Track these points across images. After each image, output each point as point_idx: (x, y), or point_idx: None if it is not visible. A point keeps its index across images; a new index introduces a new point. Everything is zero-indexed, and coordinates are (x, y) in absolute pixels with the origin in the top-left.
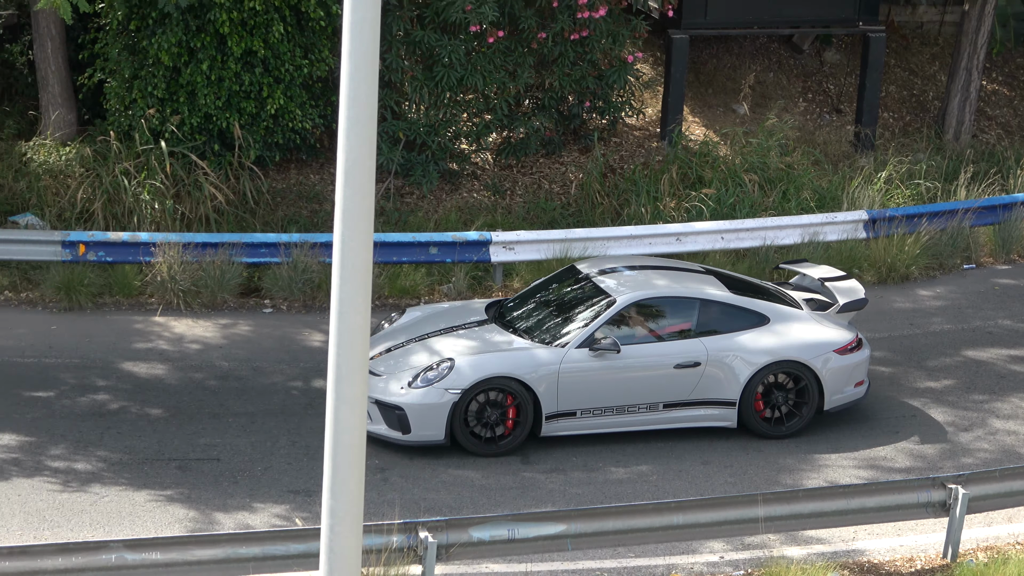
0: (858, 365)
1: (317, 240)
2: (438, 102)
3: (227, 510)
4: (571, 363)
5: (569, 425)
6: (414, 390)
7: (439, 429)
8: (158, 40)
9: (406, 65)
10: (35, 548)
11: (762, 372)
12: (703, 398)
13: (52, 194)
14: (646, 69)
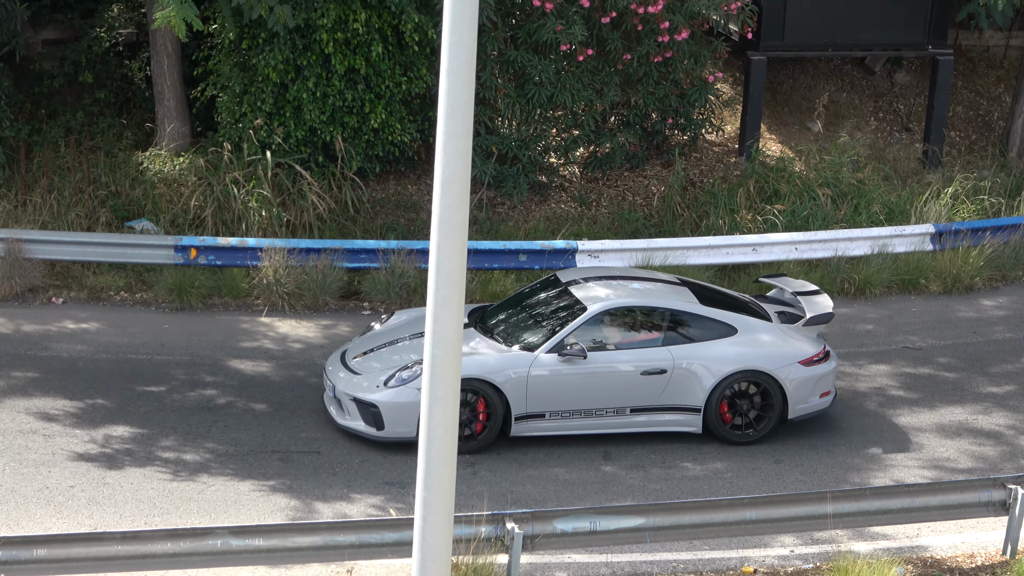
0: (823, 376)
1: (414, 247)
2: (529, 118)
3: (326, 500)
4: (540, 367)
5: (538, 426)
6: (389, 389)
7: (411, 426)
8: (267, 58)
9: (500, 83)
10: (146, 533)
11: (726, 380)
12: (669, 404)
13: (166, 201)
14: (726, 88)
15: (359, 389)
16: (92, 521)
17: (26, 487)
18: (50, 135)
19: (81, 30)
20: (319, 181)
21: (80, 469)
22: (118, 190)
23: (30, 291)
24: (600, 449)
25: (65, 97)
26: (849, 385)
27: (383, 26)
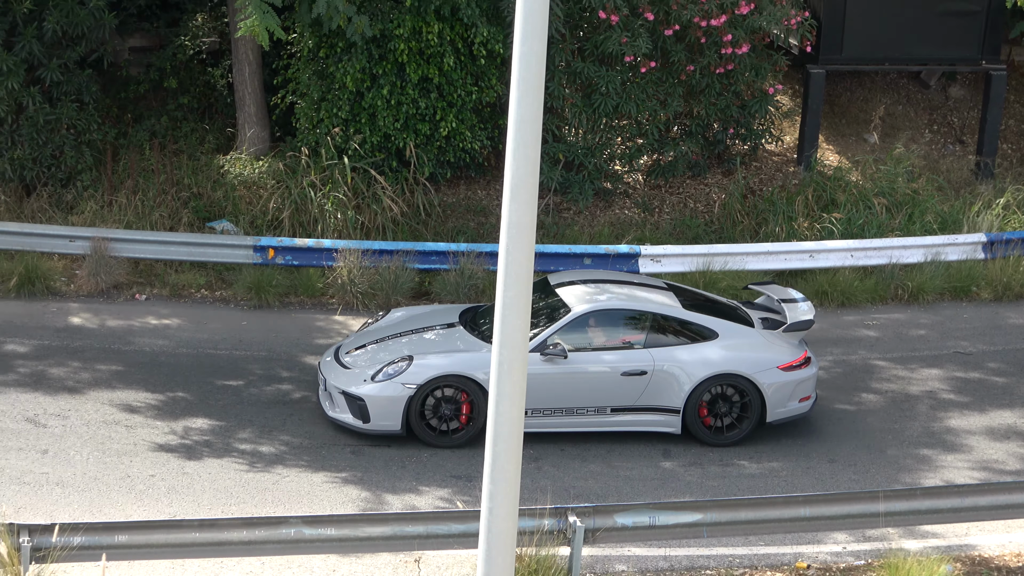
0: (803, 381)
1: (483, 249)
2: (595, 127)
3: (395, 492)
4: None
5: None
6: (375, 383)
7: (396, 420)
8: (344, 66)
9: (567, 93)
10: (222, 521)
11: (705, 383)
12: (649, 404)
13: (246, 203)
14: (785, 100)
15: (348, 383)
16: (171, 509)
17: (109, 475)
18: (136, 138)
19: (166, 38)
20: (392, 185)
21: (160, 459)
22: (200, 192)
23: (115, 288)
24: (660, 447)
25: (150, 102)
26: (901, 388)
27: (455, 38)
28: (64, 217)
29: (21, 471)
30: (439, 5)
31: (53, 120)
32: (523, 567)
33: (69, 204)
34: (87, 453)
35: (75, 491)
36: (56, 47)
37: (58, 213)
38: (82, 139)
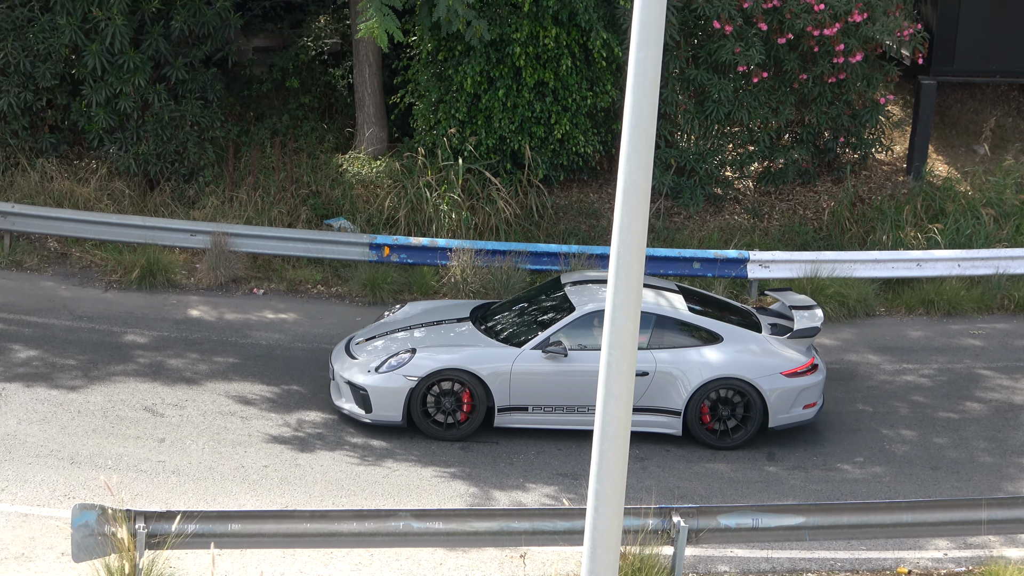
0: (808, 388)
1: (593, 252)
2: (707, 133)
3: (502, 488)
4: (524, 363)
5: (521, 419)
6: (379, 374)
7: (397, 411)
8: (462, 69)
9: (680, 99)
10: (333, 513)
11: (707, 386)
12: (650, 405)
13: (363, 202)
14: (896, 110)
15: (353, 373)
16: (283, 499)
17: (223, 465)
18: (257, 136)
19: (289, 39)
20: (506, 187)
21: (274, 450)
22: (318, 189)
23: (233, 282)
24: (764, 450)
25: (272, 101)
26: (1006, 398)
27: (571, 43)
28: (186, 212)
29: (139, 459)
30: (557, 10)
31: (177, 117)
32: (627, 565)
33: (191, 199)
34: (203, 443)
35: (190, 480)
36: (182, 46)
37: (180, 208)
38: (205, 136)
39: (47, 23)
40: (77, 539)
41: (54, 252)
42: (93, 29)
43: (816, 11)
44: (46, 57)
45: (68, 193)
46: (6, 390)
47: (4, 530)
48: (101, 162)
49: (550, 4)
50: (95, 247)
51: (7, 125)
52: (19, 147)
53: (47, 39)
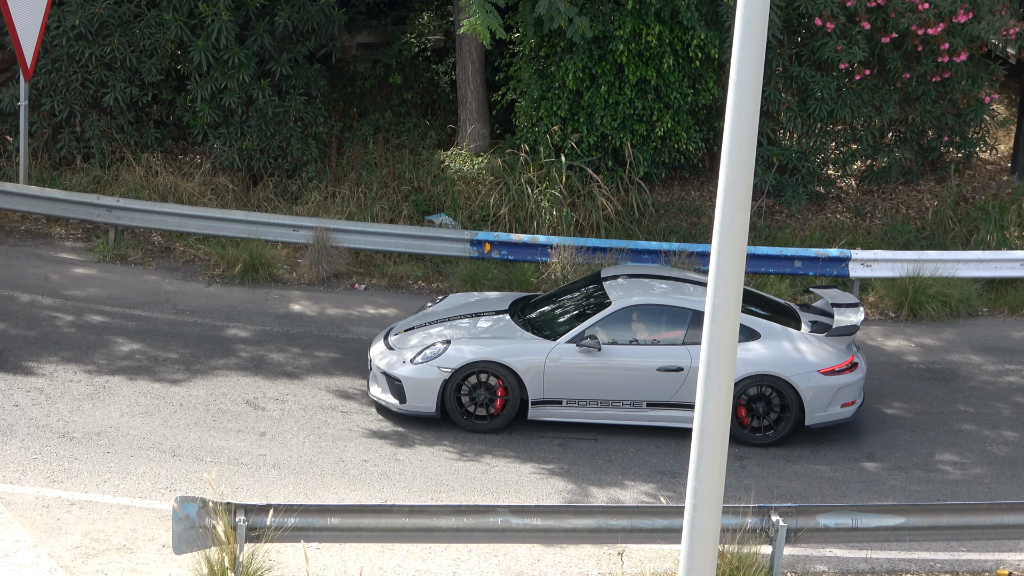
0: (846, 387)
1: (694, 249)
2: (809, 131)
3: (600, 485)
4: (558, 356)
5: (555, 412)
6: (414, 365)
7: (431, 402)
8: (564, 66)
9: (783, 97)
10: (432, 508)
11: (742, 383)
12: (685, 401)
13: (464, 198)
14: (1001, 109)
15: (390, 364)
16: (383, 494)
17: (324, 459)
18: (360, 132)
19: (393, 35)
20: (608, 184)
21: (374, 445)
22: (420, 186)
23: (335, 277)
24: (864, 450)
25: (375, 97)
26: None
27: (674, 40)
28: (288, 207)
29: (240, 452)
30: (659, 8)
31: (281, 113)
32: (725, 564)
33: (294, 194)
34: (303, 437)
35: (290, 473)
36: (286, 42)
37: (283, 203)
38: (308, 132)
39: (153, 19)
40: (178, 531)
41: (158, 246)
42: (199, 25)
43: (920, 10)
44: (152, 52)
45: (172, 188)
46: (109, 383)
47: (106, 521)
48: (205, 157)
49: (653, 1)
50: (198, 241)
51: (113, 120)
52: (125, 142)
53: (153, 35)
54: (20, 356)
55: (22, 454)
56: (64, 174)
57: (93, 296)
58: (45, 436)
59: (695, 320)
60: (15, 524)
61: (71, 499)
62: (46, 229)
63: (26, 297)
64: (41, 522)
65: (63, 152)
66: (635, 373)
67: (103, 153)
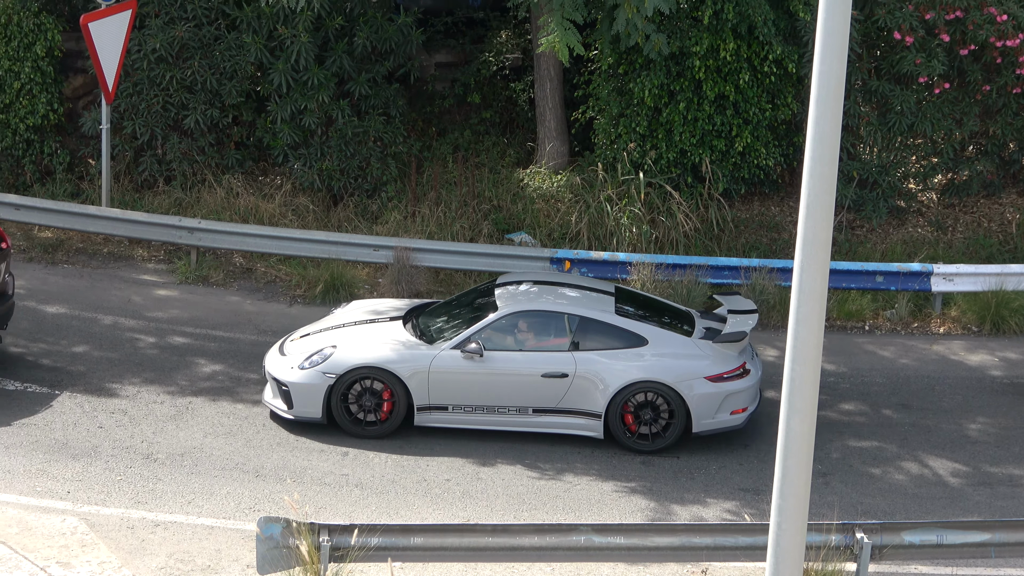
0: (735, 393)
1: (774, 265)
2: (889, 145)
3: (683, 503)
4: (442, 362)
5: (441, 418)
6: (300, 371)
7: (317, 408)
8: (642, 83)
9: (863, 111)
10: (515, 527)
11: (627, 390)
12: (570, 407)
13: (543, 216)
14: None
15: (279, 370)
16: (465, 513)
17: (406, 478)
18: (439, 151)
19: (471, 54)
20: (687, 201)
21: (456, 464)
22: (500, 204)
23: (415, 296)
24: (948, 466)
25: (454, 116)
26: None
27: (751, 55)
28: (369, 227)
29: (323, 472)
30: (736, 23)
31: (361, 133)
32: None
33: (374, 214)
34: (385, 456)
35: (373, 493)
36: (365, 62)
37: (363, 223)
38: (388, 151)
39: (233, 41)
40: (262, 551)
41: (239, 267)
42: (278, 47)
43: (999, 22)
44: (232, 75)
45: (253, 209)
46: (192, 404)
47: (191, 542)
48: (286, 178)
49: (729, 17)
50: (280, 262)
51: (194, 142)
52: (206, 164)
53: (233, 57)
54: (103, 378)
55: (107, 475)
56: (146, 196)
57: (175, 317)
58: (129, 457)
59: (581, 326)
60: (100, 545)
61: (155, 520)
62: (128, 251)
63: (109, 319)
64: (126, 543)
65: (145, 175)
66: (519, 379)
67: (184, 175)
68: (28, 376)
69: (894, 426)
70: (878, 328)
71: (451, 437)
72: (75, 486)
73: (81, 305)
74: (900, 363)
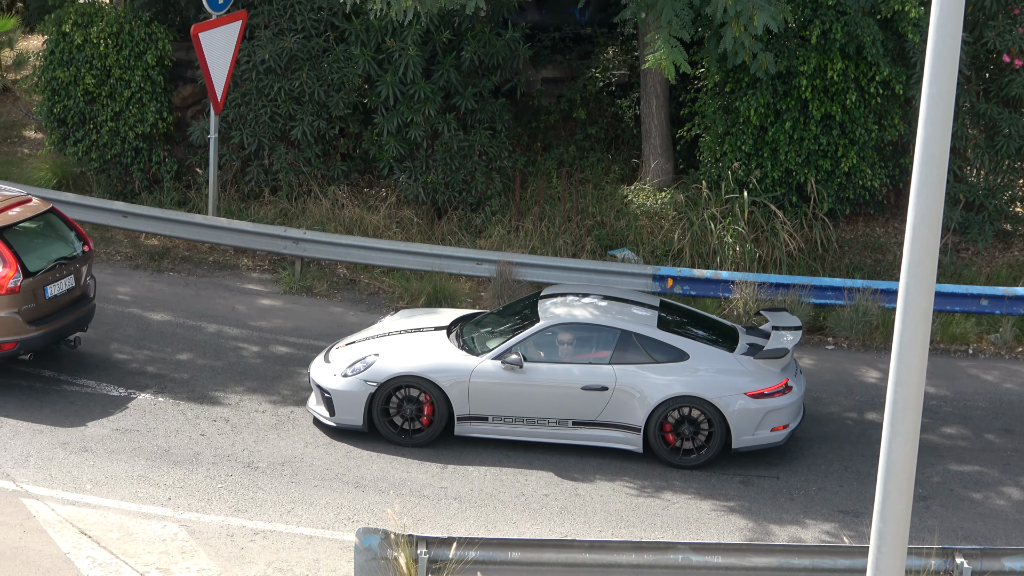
0: (776, 410)
1: (879, 287)
2: (997, 168)
3: (781, 523)
4: (482, 373)
5: (481, 428)
6: (343, 378)
7: (358, 415)
8: (749, 101)
9: (970, 133)
10: (612, 544)
11: (667, 404)
12: (610, 420)
13: (647, 233)
14: None
15: (323, 377)
16: (563, 529)
17: (505, 493)
18: (544, 166)
19: (578, 70)
20: (791, 220)
21: (554, 479)
22: (603, 220)
23: None
24: None
25: (559, 132)
26: None
27: (859, 75)
28: (472, 240)
29: (422, 484)
30: (844, 43)
31: (466, 147)
32: None
33: (477, 228)
34: (484, 470)
35: (471, 506)
36: (472, 76)
37: (466, 236)
38: (493, 166)
39: (342, 53)
40: (360, 562)
41: (343, 278)
42: (386, 59)
43: None
44: (340, 86)
45: (358, 221)
46: (294, 414)
47: (289, 551)
48: (391, 190)
49: (838, 37)
50: (383, 274)
51: (300, 153)
52: (312, 174)
53: (341, 69)
54: (206, 386)
55: (208, 483)
56: (251, 206)
57: (279, 327)
58: (230, 465)
59: (623, 340)
60: (200, 553)
61: (255, 528)
62: (234, 260)
63: (213, 327)
64: (226, 551)
65: (251, 184)
66: (559, 391)
67: (290, 186)
68: (132, 382)
69: (996, 451)
70: (982, 352)
71: (549, 451)
72: (176, 493)
73: (186, 313)
74: (1003, 387)
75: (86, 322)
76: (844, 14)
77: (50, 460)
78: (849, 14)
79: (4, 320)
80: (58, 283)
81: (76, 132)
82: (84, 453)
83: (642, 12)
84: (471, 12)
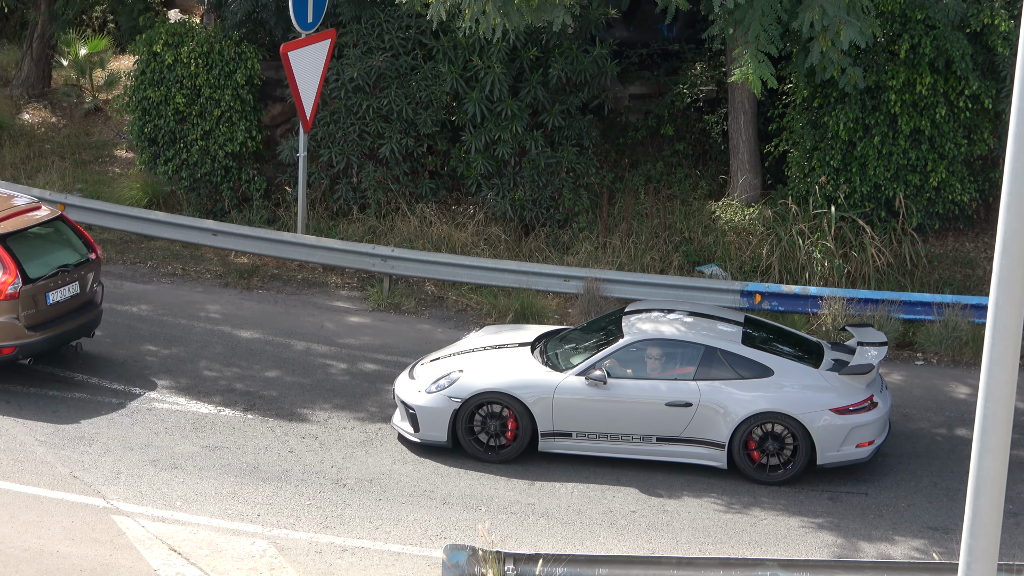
0: (861, 426)
1: (968, 302)
2: None
3: (870, 540)
4: (566, 389)
5: (565, 444)
6: (427, 395)
7: (442, 431)
8: (837, 116)
9: None
10: (700, 560)
11: (751, 420)
12: (694, 437)
13: (735, 249)
14: None
15: (408, 393)
16: (650, 545)
17: (592, 509)
18: (631, 183)
19: (665, 86)
20: (880, 235)
21: (641, 496)
22: (691, 236)
23: None
24: None
25: (647, 148)
26: None
27: (948, 90)
28: (559, 257)
29: (509, 501)
30: (933, 58)
31: (553, 163)
32: None
33: (565, 244)
34: (571, 486)
35: (559, 523)
36: (559, 93)
37: (554, 253)
38: (580, 182)
39: (429, 71)
40: None
41: (431, 295)
42: (473, 77)
43: None
44: (427, 104)
45: (446, 238)
46: (382, 430)
47: (377, 568)
48: (478, 207)
49: (927, 51)
50: (471, 291)
51: (389, 171)
52: (400, 192)
53: (429, 87)
54: (295, 403)
55: (296, 500)
56: (340, 224)
57: (367, 344)
58: (319, 482)
59: (707, 356)
60: (289, 569)
61: (343, 545)
62: (322, 278)
63: (301, 345)
64: (314, 567)
65: (340, 202)
66: (643, 407)
67: (378, 203)
68: (221, 400)
69: None
70: None
71: (636, 468)
72: (265, 509)
73: (274, 330)
74: None
75: (91, 328)
76: (933, 28)
77: (140, 477)
78: (938, 28)
79: (3, 325)
80: (60, 289)
81: (167, 151)
82: (174, 470)
83: (730, 28)
84: (558, 29)
